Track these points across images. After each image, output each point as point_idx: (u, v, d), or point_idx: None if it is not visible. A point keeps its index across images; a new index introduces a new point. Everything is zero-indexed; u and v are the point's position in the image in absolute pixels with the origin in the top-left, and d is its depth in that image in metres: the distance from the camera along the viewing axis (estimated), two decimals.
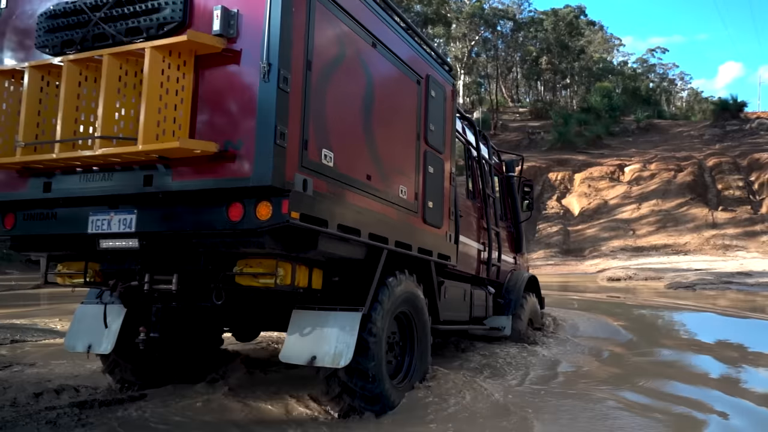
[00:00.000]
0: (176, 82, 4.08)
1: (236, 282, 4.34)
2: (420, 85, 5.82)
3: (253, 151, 3.83)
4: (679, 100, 73.43)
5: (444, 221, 6.14)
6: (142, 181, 4.13)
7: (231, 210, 4.00)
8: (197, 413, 5.28)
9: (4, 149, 4.42)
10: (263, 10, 4.00)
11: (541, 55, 47.07)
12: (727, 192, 27.29)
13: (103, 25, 4.34)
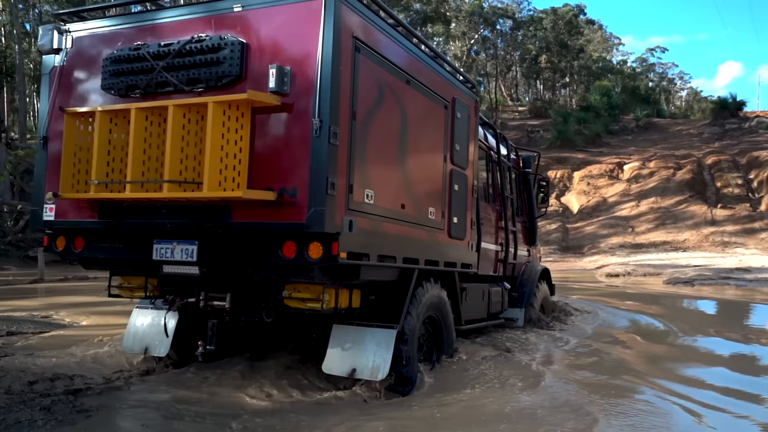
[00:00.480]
0: (235, 133, 4.50)
1: (285, 304, 4.86)
2: (447, 109, 6.18)
3: (307, 199, 4.28)
4: (679, 100, 73.47)
5: (467, 233, 6.58)
6: (204, 218, 4.61)
7: (284, 248, 4.45)
8: (193, 400, 5.32)
9: (78, 184, 4.92)
10: (314, 68, 4.39)
11: (540, 54, 47.05)
12: (726, 190, 27.27)
13: (165, 73, 4.79)
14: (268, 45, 4.63)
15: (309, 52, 4.44)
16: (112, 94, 5.03)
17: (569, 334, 8.18)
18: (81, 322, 9.22)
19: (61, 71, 5.32)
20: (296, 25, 4.56)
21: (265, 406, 5.02)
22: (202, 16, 4.91)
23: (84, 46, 5.31)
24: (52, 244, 5.38)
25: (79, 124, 5.04)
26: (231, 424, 4.55)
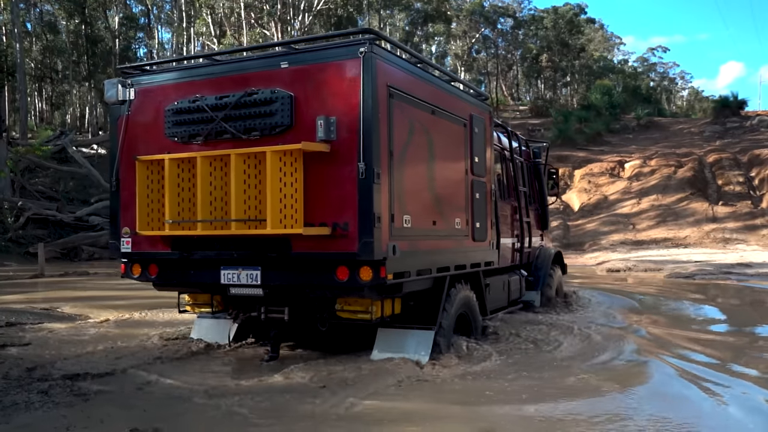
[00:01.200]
0: (290, 176, 5.19)
1: (338, 315, 5.71)
2: (466, 127, 6.81)
3: (357, 232, 5.05)
4: (680, 99, 73.42)
5: (488, 234, 7.26)
6: (267, 249, 5.37)
7: (338, 272, 5.21)
8: (198, 385, 5.34)
9: (153, 222, 5.73)
10: (357, 118, 5.07)
11: (541, 53, 47.03)
12: (727, 187, 27.23)
13: (224, 123, 5.48)
14: (313, 97, 5.27)
15: (351, 103, 5.10)
16: (175, 141, 5.73)
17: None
18: (79, 314, 9.24)
19: (127, 120, 5.95)
20: (338, 79, 5.20)
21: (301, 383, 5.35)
22: (252, 72, 5.59)
23: (146, 98, 5.96)
24: (128, 271, 6.17)
25: (149, 170, 5.74)
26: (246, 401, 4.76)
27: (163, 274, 6.02)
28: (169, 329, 7.69)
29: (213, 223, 5.44)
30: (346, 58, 5.15)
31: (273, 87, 5.35)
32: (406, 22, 41.75)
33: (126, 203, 5.95)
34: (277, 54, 5.71)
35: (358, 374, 5.49)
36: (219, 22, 34.20)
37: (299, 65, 5.36)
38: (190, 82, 5.84)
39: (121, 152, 5.99)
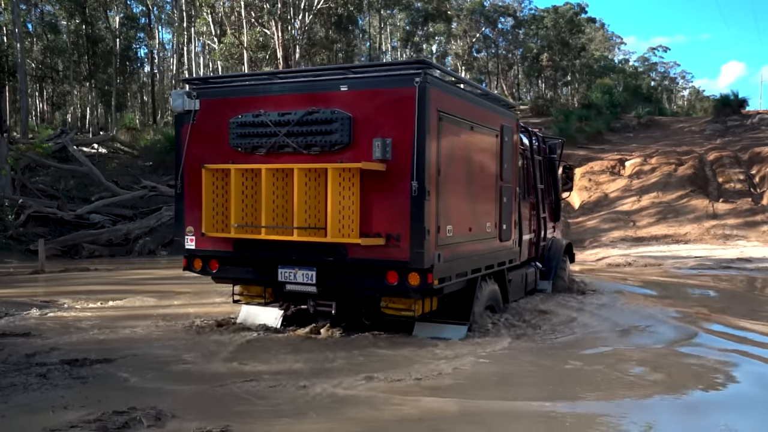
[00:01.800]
0: (348, 191, 5.77)
1: (383, 312, 6.42)
2: (498, 137, 7.37)
3: (409, 243, 5.68)
4: (681, 99, 73.41)
5: (512, 234, 7.87)
6: (324, 254, 6.00)
7: (389, 276, 5.87)
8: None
9: (218, 224, 6.33)
10: (411, 140, 5.63)
11: (541, 53, 47.02)
12: (728, 185, 27.17)
13: (286, 138, 6.05)
14: (370, 119, 5.84)
15: (406, 127, 5.66)
16: (239, 151, 6.30)
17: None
18: (79, 305, 9.25)
19: (191, 129, 6.50)
20: (394, 104, 5.77)
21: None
22: (313, 92, 6.13)
23: (211, 109, 6.49)
24: (190, 265, 6.79)
25: (215, 177, 6.30)
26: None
27: (223, 270, 6.65)
28: (166, 317, 7.72)
29: (275, 228, 6.01)
30: (402, 86, 5.73)
31: (333, 107, 5.91)
32: (407, 22, 41.80)
33: (190, 205, 6.56)
34: (338, 78, 6.28)
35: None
36: (219, 21, 34.25)
37: (358, 89, 5.94)
38: (252, 97, 6.39)
39: (185, 158, 6.55)
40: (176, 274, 10.06)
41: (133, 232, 20.59)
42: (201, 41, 40.07)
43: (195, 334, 6.88)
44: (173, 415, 4.10)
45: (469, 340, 6.52)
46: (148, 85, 45.15)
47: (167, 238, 21.25)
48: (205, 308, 8.56)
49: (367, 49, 45.16)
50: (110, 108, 37.69)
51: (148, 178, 25.08)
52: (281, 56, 29.82)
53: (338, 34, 35.54)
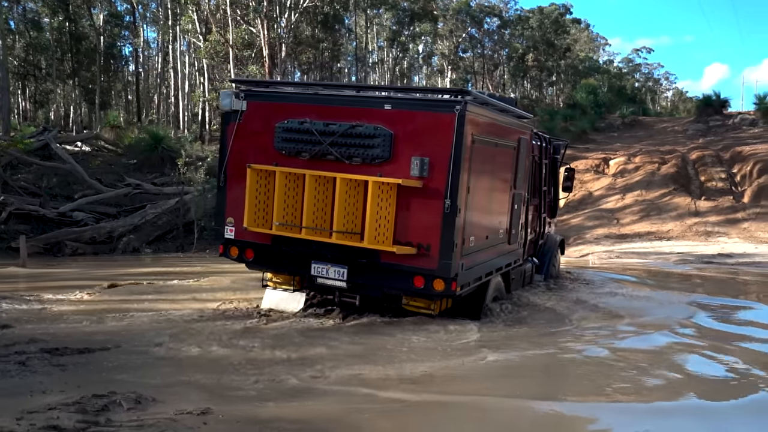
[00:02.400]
0: (385, 202, 6.28)
1: (404, 308, 7.04)
2: (515, 150, 7.85)
3: (438, 254, 6.26)
4: (665, 100, 74.13)
5: (519, 236, 8.43)
6: (358, 256, 6.54)
7: (415, 280, 6.45)
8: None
9: (259, 220, 6.74)
10: (447, 161, 6.16)
11: (527, 53, 47.27)
12: (709, 183, 27.49)
13: (330, 147, 6.49)
14: (410, 137, 6.34)
15: (443, 149, 6.17)
16: (282, 154, 6.75)
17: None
18: (59, 299, 9.16)
19: (237, 127, 6.93)
20: (434, 127, 6.26)
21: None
22: (358, 107, 6.61)
23: (257, 111, 6.91)
24: (227, 251, 7.27)
25: (259, 176, 6.71)
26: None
27: (259, 259, 7.19)
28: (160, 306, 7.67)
29: (314, 230, 6.52)
30: (443, 111, 6.23)
31: (376, 124, 6.40)
32: (393, 22, 41.84)
33: (231, 198, 7.01)
34: (382, 97, 6.92)
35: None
36: (205, 19, 34.07)
37: (401, 109, 6.43)
38: (300, 105, 6.83)
39: (229, 154, 7.00)
40: (161, 270, 9.98)
41: (117, 229, 20.45)
42: (186, 39, 39.83)
43: (184, 323, 6.86)
44: (154, 399, 4.09)
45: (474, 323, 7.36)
46: (132, 84, 44.80)
47: (152, 236, 21.13)
48: (193, 304, 8.51)
49: (353, 48, 45.16)
50: (94, 106, 37.33)
51: (133, 176, 24.90)
52: (267, 54, 29.71)
53: (324, 33, 35.51)
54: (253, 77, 32.59)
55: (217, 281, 10.00)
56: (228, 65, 33.11)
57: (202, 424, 3.63)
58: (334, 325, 7.12)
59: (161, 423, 3.58)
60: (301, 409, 4.14)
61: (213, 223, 7.73)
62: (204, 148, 29.10)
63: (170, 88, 41.67)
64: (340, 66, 46.14)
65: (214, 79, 37.34)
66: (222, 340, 6.02)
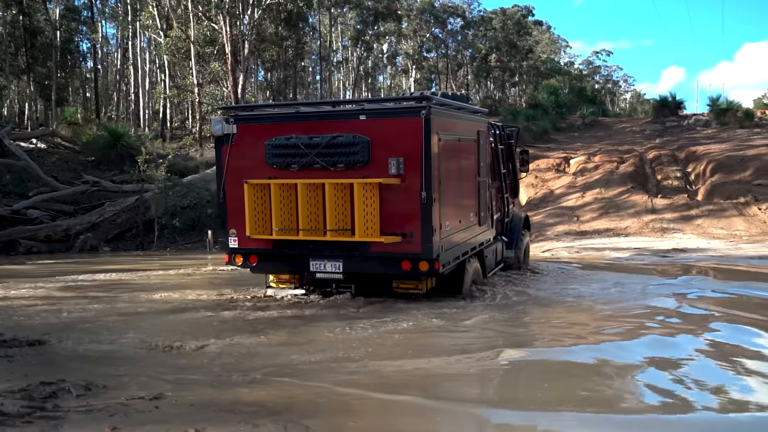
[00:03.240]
0: (370, 199, 7.14)
1: (395, 291, 7.98)
2: (476, 142, 8.86)
3: (420, 240, 7.17)
4: (623, 102, 75.81)
5: (487, 218, 9.39)
6: (350, 249, 7.51)
7: (403, 264, 7.36)
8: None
9: (260, 228, 7.59)
10: (419, 159, 7.06)
11: (490, 54, 47.78)
12: (666, 182, 28.21)
13: (315, 158, 7.38)
14: (385, 142, 7.24)
15: (414, 149, 7.08)
16: (274, 168, 7.59)
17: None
18: (12, 294, 8.93)
19: (229, 149, 7.73)
20: (405, 131, 7.15)
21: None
22: (336, 120, 7.51)
23: (247, 133, 7.73)
24: (232, 259, 8.00)
25: (256, 190, 7.53)
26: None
27: (262, 264, 8.05)
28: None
29: (310, 231, 7.38)
30: (411, 116, 7.13)
31: (354, 133, 7.28)
32: (357, 21, 41.82)
33: (231, 211, 7.82)
34: (356, 109, 7.80)
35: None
36: (166, 15, 33.51)
37: (374, 118, 7.33)
38: (283, 124, 7.69)
39: (226, 173, 7.80)
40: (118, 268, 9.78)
41: (74, 227, 19.97)
42: (147, 36, 39.12)
43: (138, 315, 6.74)
44: (105, 386, 4.00)
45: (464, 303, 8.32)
46: (91, 81, 43.77)
47: (111, 234, 20.68)
48: (156, 295, 8.38)
49: (317, 47, 44.98)
50: (50, 103, 36.35)
51: (91, 174, 24.34)
52: (229, 51, 29.38)
53: (288, 31, 35.26)
54: (215, 73, 32.19)
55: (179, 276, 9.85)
56: (190, 62, 32.65)
57: (153, 408, 3.57)
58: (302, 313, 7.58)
59: (111, 407, 3.51)
60: (259, 393, 4.11)
61: (219, 237, 8.70)
62: (165, 146, 28.63)
63: (130, 85, 40.87)
64: (305, 65, 45.91)
65: (176, 76, 36.76)
66: (188, 331, 5.94)
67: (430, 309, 7.75)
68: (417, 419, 3.91)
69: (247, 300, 8.52)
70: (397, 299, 8.10)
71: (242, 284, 9.49)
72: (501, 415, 3.95)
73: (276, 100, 37.42)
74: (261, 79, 45.75)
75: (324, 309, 7.94)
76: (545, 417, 3.79)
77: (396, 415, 4.02)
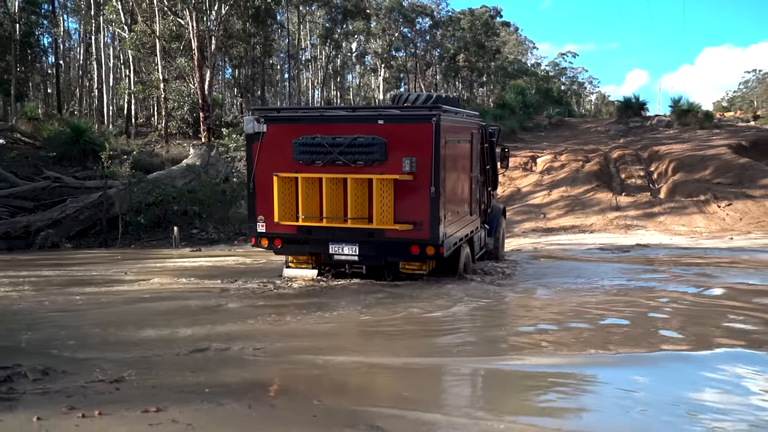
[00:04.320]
0: (386, 192, 8.33)
1: (401, 272, 9.18)
2: (470, 143, 10.06)
3: (428, 228, 8.38)
4: (588, 103, 77.11)
5: (476, 209, 10.77)
6: (366, 235, 8.65)
7: (412, 248, 8.60)
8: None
9: (287, 215, 8.72)
10: (429, 159, 8.24)
11: (458, 53, 48.11)
12: (629, 180, 28.76)
13: (338, 156, 8.52)
14: (399, 143, 8.38)
15: (425, 150, 8.25)
16: (300, 163, 8.71)
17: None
18: None
19: (260, 146, 8.83)
20: (418, 134, 8.31)
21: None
22: (357, 123, 8.69)
23: (276, 131, 8.83)
24: (258, 242, 9.18)
25: (284, 182, 8.63)
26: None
27: (286, 246, 9.19)
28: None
29: (333, 219, 8.54)
30: (423, 122, 8.31)
31: (372, 135, 8.40)
32: (326, 19, 41.67)
33: (260, 200, 8.93)
34: (375, 114, 8.93)
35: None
36: (130, 9, 32.89)
37: (391, 123, 8.49)
38: (309, 125, 8.83)
39: (256, 167, 8.90)
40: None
41: (35, 224, 19.42)
42: (111, 31, 38.31)
43: (93, 305, 6.57)
44: (64, 371, 3.89)
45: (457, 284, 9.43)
46: (52, 77, 42.72)
47: (73, 230, 20.18)
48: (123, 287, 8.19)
49: (286, 45, 44.66)
50: (9, 98, 35.34)
51: (52, 170, 23.72)
52: (196, 47, 28.96)
53: (256, 28, 34.91)
54: (181, 69, 31.70)
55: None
56: (155, 57, 32.10)
57: (114, 390, 3.48)
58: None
59: (69, 389, 3.41)
60: (224, 374, 4.05)
61: (248, 221, 9.61)
62: (130, 142, 28.10)
63: (93, 81, 40.01)
64: (273, 62, 45.54)
65: (141, 71, 36.09)
66: (150, 320, 5.82)
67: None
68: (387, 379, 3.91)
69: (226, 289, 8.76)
70: (398, 283, 9.15)
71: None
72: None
73: (244, 97, 37.02)
74: (228, 77, 45.22)
75: (294, 299, 7.95)
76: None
77: (365, 379, 4.03)
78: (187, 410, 3.14)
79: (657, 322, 6.89)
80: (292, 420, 3.43)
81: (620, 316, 7.29)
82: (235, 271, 11.06)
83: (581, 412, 3.82)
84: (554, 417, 3.70)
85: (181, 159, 26.01)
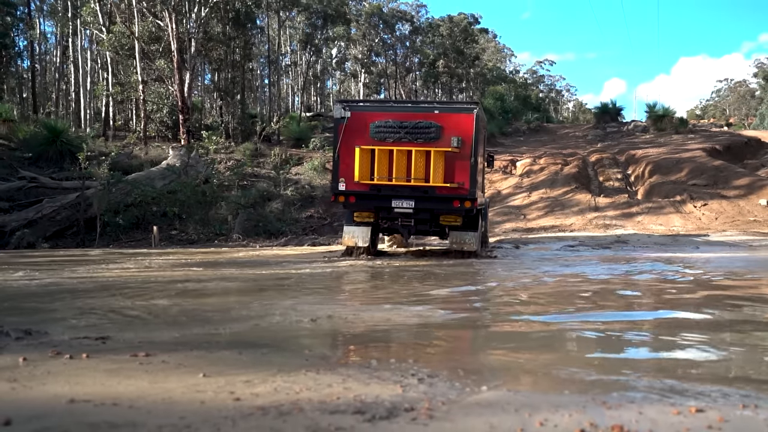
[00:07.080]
0: (439, 161, 11.57)
1: (440, 224, 12.24)
2: (485, 128, 13.08)
3: (468, 188, 11.62)
4: (566, 111, 78.09)
5: (484, 187, 14.85)
6: (423, 191, 11.69)
7: (454, 203, 11.73)
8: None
9: (364, 176, 11.66)
10: (471, 138, 11.55)
11: (438, 59, 48.46)
12: (607, 183, 29.12)
13: (405, 135, 11.61)
14: (450, 126, 11.54)
15: (468, 132, 11.54)
16: (375, 140, 11.72)
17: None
18: None
19: (344, 127, 11.89)
20: (462, 120, 11.60)
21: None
22: (419, 112, 11.83)
23: (357, 117, 11.90)
24: (337, 199, 12.06)
25: (363, 152, 11.63)
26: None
27: (358, 202, 11.99)
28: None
29: (399, 179, 11.59)
30: (467, 112, 11.72)
31: (430, 121, 11.58)
32: (306, 24, 41.69)
33: (342, 166, 11.86)
34: (431, 105, 12.83)
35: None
36: (108, 11, 32.61)
37: (444, 112, 11.74)
38: (383, 112, 11.90)
39: (340, 142, 11.84)
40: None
41: (10, 224, 19.11)
42: (88, 34, 37.90)
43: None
44: (47, 333, 3.82)
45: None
46: (28, 81, 42.13)
47: (50, 231, 19.88)
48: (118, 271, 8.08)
49: (266, 50, 44.57)
50: None
51: (29, 170, 23.36)
52: (175, 49, 28.80)
53: (236, 31, 34.80)
54: (160, 71, 31.43)
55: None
56: (133, 60, 31.83)
57: (101, 344, 3.43)
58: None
59: (55, 342, 3.34)
60: (215, 332, 4.02)
61: (331, 182, 12.40)
62: (108, 144, 27.76)
63: (70, 84, 39.52)
64: (252, 67, 45.42)
65: (119, 74, 35.74)
66: (151, 292, 5.75)
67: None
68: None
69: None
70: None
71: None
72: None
73: (224, 101, 36.84)
74: (208, 82, 44.99)
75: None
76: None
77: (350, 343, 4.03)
78: (177, 355, 3.10)
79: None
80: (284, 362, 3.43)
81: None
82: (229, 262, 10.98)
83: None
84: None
85: (161, 161, 25.77)
